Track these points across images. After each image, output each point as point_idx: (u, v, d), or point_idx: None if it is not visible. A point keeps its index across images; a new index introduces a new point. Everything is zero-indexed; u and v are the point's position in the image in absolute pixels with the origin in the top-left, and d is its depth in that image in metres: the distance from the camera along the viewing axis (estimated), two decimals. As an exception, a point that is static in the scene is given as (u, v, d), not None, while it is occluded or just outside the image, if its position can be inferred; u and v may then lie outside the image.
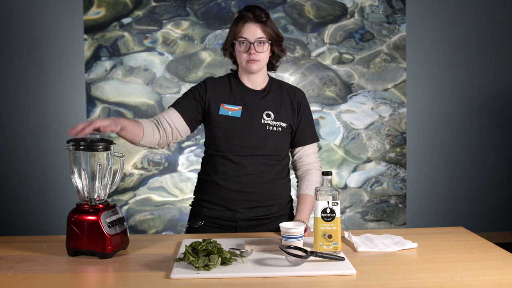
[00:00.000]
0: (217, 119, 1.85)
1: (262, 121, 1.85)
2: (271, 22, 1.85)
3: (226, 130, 1.84)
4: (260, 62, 1.83)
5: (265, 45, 1.82)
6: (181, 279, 1.32)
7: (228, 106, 1.87)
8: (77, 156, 1.54)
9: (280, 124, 1.87)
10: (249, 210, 1.84)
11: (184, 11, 3.74)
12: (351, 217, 3.92)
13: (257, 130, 1.85)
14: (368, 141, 3.89)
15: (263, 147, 1.84)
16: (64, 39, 3.72)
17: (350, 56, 3.84)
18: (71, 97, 3.76)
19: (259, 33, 1.80)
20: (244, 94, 1.89)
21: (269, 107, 1.88)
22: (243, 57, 1.82)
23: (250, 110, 1.86)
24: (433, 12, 3.90)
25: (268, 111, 1.87)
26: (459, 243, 1.62)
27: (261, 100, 1.89)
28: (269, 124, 1.86)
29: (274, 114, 1.87)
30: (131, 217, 3.81)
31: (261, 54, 1.82)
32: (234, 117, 1.85)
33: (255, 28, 1.80)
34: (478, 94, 3.98)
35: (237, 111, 1.86)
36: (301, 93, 1.96)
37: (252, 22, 1.81)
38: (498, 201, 4.05)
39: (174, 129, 1.84)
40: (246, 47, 1.81)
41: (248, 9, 1.83)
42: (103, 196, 1.58)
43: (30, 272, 1.40)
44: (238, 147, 1.83)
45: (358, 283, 1.30)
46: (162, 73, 3.76)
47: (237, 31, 1.82)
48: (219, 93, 1.89)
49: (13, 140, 3.77)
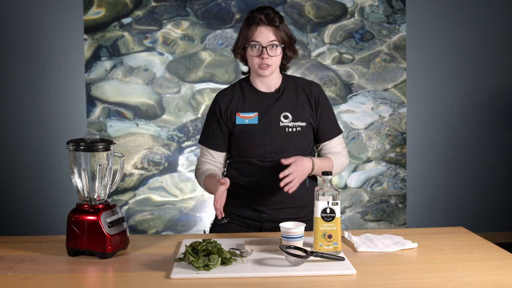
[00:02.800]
0: (236, 130, 1.84)
1: (281, 124, 1.82)
2: (284, 24, 1.80)
3: (246, 139, 1.82)
4: (272, 67, 1.79)
5: (277, 49, 1.77)
6: (181, 279, 1.32)
7: (244, 114, 1.84)
8: (77, 156, 1.54)
9: (299, 124, 1.83)
10: (275, 212, 1.82)
11: (184, 11, 3.74)
12: (351, 217, 3.92)
13: (277, 134, 1.81)
14: (368, 141, 3.89)
15: (286, 150, 1.81)
16: (64, 39, 3.72)
17: (350, 56, 3.84)
18: (71, 97, 3.76)
19: (272, 37, 1.76)
20: (258, 98, 1.85)
21: (285, 108, 1.84)
22: (255, 61, 1.78)
23: (266, 114, 1.83)
24: (433, 12, 3.90)
25: (285, 113, 1.83)
26: (459, 243, 1.62)
27: (276, 102, 1.84)
28: (288, 126, 1.82)
29: (292, 115, 1.83)
30: (131, 217, 3.81)
31: (274, 58, 1.77)
32: (251, 124, 1.82)
33: (267, 31, 1.75)
34: (478, 94, 3.98)
35: (253, 118, 1.83)
36: (318, 88, 1.92)
37: (265, 25, 1.76)
38: (498, 201, 4.05)
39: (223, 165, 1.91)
40: (259, 51, 1.76)
41: (261, 10, 1.77)
42: (103, 196, 1.58)
43: (30, 272, 1.40)
44: (261, 154, 1.81)
45: (358, 283, 1.30)
46: (162, 73, 3.76)
47: (249, 35, 1.77)
48: (233, 103, 1.85)
49: (13, 140, 3.76)
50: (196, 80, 3.74)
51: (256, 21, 1.76)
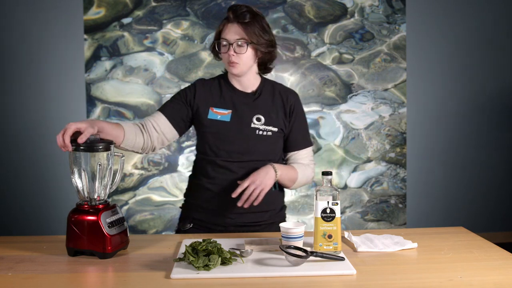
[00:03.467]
0: (206, 124, 1.80)
1: (252, 125, 1.79)
2: (258, 23, 1.74)
3: (215, 135, 1.79)
4: (240, 65, 1.75)
5: (244, 47, 1.73)
6: (181, 279, 1.32)
7: (218, 109, 1.81)
8: (77, 156, 1.54)
9: (270, 128, 1.80)
10: (239, 216, 1.80)
11: (184, 11, 3.74)
12: (351, 217, 3.92)
13: (246, 135, 1.79)
14: (368, 141, 3.89)
15: (252, 153, 1.79)
16: (64, 39, 3.72)
17: (350, 56, 3.84)
18: (71, 97, 3.76)
19: (239, 34, 1.72)
20: (235, 97, 1.82)
21: (260, 110, 1.81)
22: (224, 58, 1.77)
23: (239, 114, 1.80)
24: (433, 12, 3.90)
25: (258, 115, 1.80)
26: (459, 243, 1.62)
27: (252, 103, 1.82)
28: (258, 129, 1.79)
29: (265, 118, 1.80)
30: (131, 217, 3.81)
31: (242, 56, 1.73)
32: (223, 121, 1.79)
33: (235, 28, 1.72)
34: (478, 94, 3.98)
35: (226, 115, 1.80)
36: (295, 96, 1.88)
37: (234, 22, 1.73)
38: (498, 201, 4.05)
39: (160, 133, 1.80)
40: (226, 48, 1.74)
41: (233, 7, 1.75)
42: (103, 196, 1.58)
43: (30, 272, 1.40)
44: (227, 152, 1.79)
45: (358, 283, 1.30)
46: (162, 73, 3.76)
47: (219, 31, 1.77)
48: (209, 96, 1.83)
49: (13, 140, 3.76)
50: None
51: (227, 18, 1.75)
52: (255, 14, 1.75)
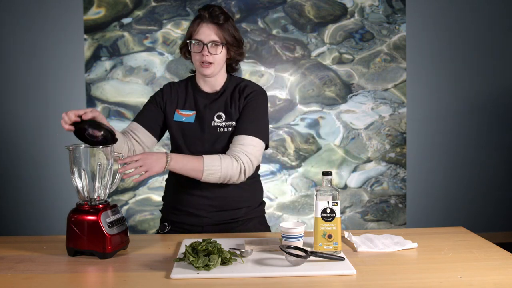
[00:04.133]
0: (172, 125, 1.84)
1: (213, 123, 1.80)
2: (231, 24, 1.77)
3: (182, 137, 1.83)
4: (214, 65, 1.75)
5: (219, 48, 1.74)
6: (181, 279, 1.32)
7: (183, 111, 1.84)
8: (77, 156, 1.54)
9: (231, 123, 1.80)
10: (214, 214, 1.82)
11: (184, 11, 3.74)
12: (351, 217, 3.92)
13: (208, 133, 1.80)
14: (368, 141, 3.89)
15: (216, 150, 1.78)
16: (64, 39, 3.72)
17: (350, 56, 3.84)
18: (71, 97, 3.76)
19: (214, 35, 1.73)
20: (198, 98, 1.84)
21: (220, 108, 1.82)
22: (196, 58, 1.76)
23: (202, 114, 1.82)
24: (433, 12, 3.90)
25: (219, 113, 1.82)
26: (459, 243, 1.62)
27: (213, 102, 1.83)
28: (219, 126, 1.80)
29: (225, 114, 1.81)
30: (131, 217, 3.81)
31: (215, 56, 1.74)
32: (187, 122, 1.82)
33: (210, 29, 1.73)
34: (478, 94, 3.98)
35: (191, 117, 1.83)
36: (256, 91, 1.82)
37: (208, 22, 1.74)
38: (498, 201, 4.05)
39: (140, 143, 1.85)
40: (199, 49, 1.74)
41: (206, 7, 1.76)
42: (103, 196, 1.58)
43: (30, 272, 1.40)
44: (192, 152, 1.80)
45: (358, 283, 1.30)
46: (162, 73, 3.76)
47: (192, 31, 1.76)
48: (175, 99, 1.86)
49: (13, 140, 3.76)
50: (196, 80, 3.74)
51: (200, 18, 1.75)
52: (227, 15, 1.78)
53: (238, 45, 1.80)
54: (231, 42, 1.77)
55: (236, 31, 1.79)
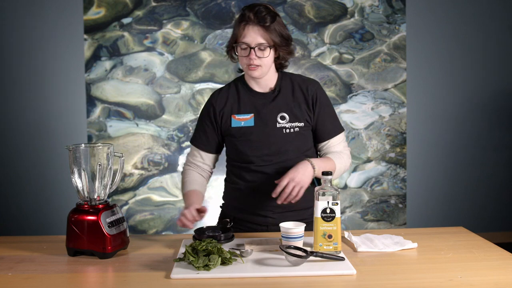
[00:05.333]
0: (232, 132, 1.78)
1: (277, 125, 1.75)
2: (278, 24, 1.69)
3: (244, 142, 1.77)
4: (262, 68, 1.70)
5: (266, 51, 1.68)
6: (181, 279, 1.32)
7: (239, 116, 1.78)
8: (77, 156, 1.54)
9: (296, 124, 1.76)
10: (280, 215, 1.76)
11: (184, 11, 3.74)
12: (351, 217, 3.92)
13: (274, 136, 1.75)
14: (368, 141, 3.89)
15: (284, 152, 1.75)
16: (64, 39, 3.72)
17: (350, 56, 3.84)
18: (71, 97, 3.75)
19: (261, 38, 1.67)
20: (254, 99, 1.78)
21: (282, 108, 1.77)
22: (244, 61, 1.71)
23: (262, 115, 1.76)
24: (433, 12, 3.90)
25: (282, 113, 1.76)
26: (459, 243, 1.62)
27: (272, 102, 1.77)
28: (285, 127, 1.75)
29: (289, 115, 1.76)
30: (131, 217, 3.81)
31: (263, 59, 1.69)
32: (247, 126, 1.76)
33: (256, 31, 1.66)
34: (478, 94, 3.98)
35: (249, 120, 1.77)
36: (315, 85, 1.82)
37: (254, 24, 1.66)
38: (498, 201, 4.04)
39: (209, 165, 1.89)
40: (246, 52, 1.68)
41: (251, 8, 1.68)
42: (103, 196, 1.58)
43: (30, 272, 1.40)
44: (258, 156, 1.76)
45: (358, 283, 1.30)
46: (162, 73, 3.76)
47: (238, 34, 1.70)
48: (228, 105, 1.80)
49: (13, 140, 3.76)
50: (196, 80, 3.74)
51: (246, 19, 1.68)
52: (275, 14, 1.70)
53: (286, 44, 1.73)
54: (279, 43, 1.70)
55: (284, 29, 1.71)
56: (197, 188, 1.82)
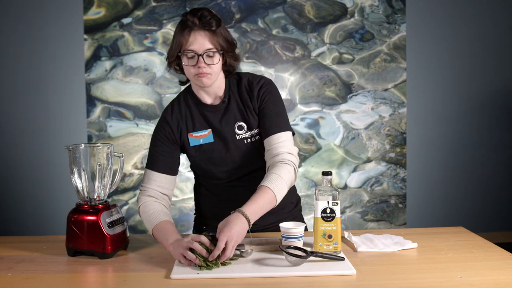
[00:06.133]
0: (192, 152, 1.68)
1: (237, 137, 1.65)
2: (223, 28, 1.58)
3: (206, 160, 1.67)
4: (211, 75, 1.57)
5: (215, 57, 1.56)
6: (181, 279, 1.32)
7: (196, 133, 1.66)
8: (77, 156, 1.54)
9: (255, 131, 1.65)
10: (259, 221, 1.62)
11: (184, 11, 3.74)
12: (351, 217, 3.92)
13: (236, 149, 1.65)
14: (368, 141, 3.89)
15: (251, 163, 1.67)
16: (64, 39, 3.72)
17: (350, 56, 3.84)
18: (71, 97, 3.75)
19: (208, 43, 1.54)
20: (206, 113, 1.66)
21: (237, 117, 1.65)
22: (192, 71, 1.57)
23: (219, 129, 1.65)
24: (433, 12, 3.90)
25: (238, 123, 1.65)
26: (459, 243, 1.62)
27: (225, 113, 1.66)
28: (245, 138, 1.65)
29: (245, 123, 1.65)
30: (131, 217, 3.81)
31: (213, 66, 1.56)
32: (207, 143, 1.65)
33: (203, 37, 1.54)
34: (479, 94, 3.97)
35: (208, 136, 1.66)
36: (260, 82, 1.67)
37: (200, 30, 1.53)
38: (498, 201, 4.04)
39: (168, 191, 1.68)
40: (194, 61, 1.55)
41: (194, 13, 1.55)
42: (103, 196, 1.58)
43: (30, 272, 1.40)
44: (225, 172, 1.67)
45: (358, 283, 1.30)
46: (162, 73, 3.76)
47: (182, 41, 1.55)
48: (182, 123, 1.67)
49: (13, 140, 3.76)
50: (196, 80, 3.74)
51: (190, 25, 1.54)
52: (218, 18, 1.58)
53: (232, 49, 1.62)
54: (226, 48, 1.59)
55: (228, 34, 1.61)
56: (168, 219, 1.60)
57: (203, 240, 1.42)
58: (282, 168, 1.56)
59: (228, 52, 1.60)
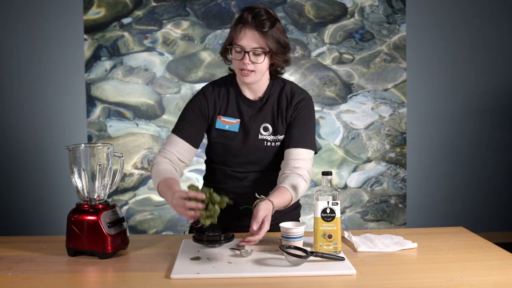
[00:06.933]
0: (214, 134, 1.73)
1: (259, 136, 1.71)
2: (277, 30, 1.61)
3: (224, 146, 1.73)
4: (255, 74, 1.63)
5: (261, 57, 1.61)
6: (181, 279, 1.32)
7: (225, 118, 1.72)
8: (77, 156, 1.54)
9: (278, 137, 1.71)
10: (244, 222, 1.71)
11: (184, 11, 3.74)
12: (351, 217, 3.92)
13: (254, 147, 1.71)
14: (368, 141, 3.89)
15: (261, 163, 1.73)
16: (64, 39, 3.72)
17: (350, 56, 3.84)
18: (71, 97, 3.75)
19: (256, 43, 1.59)
20: (242, 104, 1.73)
21: (266, 118, 1.71)
22: (237, 65, 1.64)
23: (247, 123, 1.71)
24: (433, 12, 3.90)
25: (265, 124, 1.71)
26: (459, 243, 1.62)
27: (258, 111, 1.72)
28: (267, 140, 1.71)
29: (272, 127, 1.71)
30: (131, 217, 3.81)
31: (257, 65, 1.61)
32: (231, 131, 1.71)
33: (253, 36, 1.59)
34: (478, 94, 3.97)
35: (234, 125, 1.71)
36: (302, 96, 1.73)
37: (251, 28, 1.59)
38: (498, 201, 4.04)
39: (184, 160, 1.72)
40: (241, 56, 1.61)
41: (251, 10, 1.60)
42: (103, 196, 1.58)
43: (30, 272, 1.40)
44: (235, 163, 1.74)
45: (358, 283, 1.30)
46: (162, 73, 3.76)
47: (234, 36, 1.62)
48: (217, 104, 1.73)
49: (13, 140, 3.76)
50: (196, 80, 3.74)
51: (243, 21, 1.60)
52: (274, 20, 1.61)
53: (283, 52, 1.65)
54: (275, 50, 1.61)
55: (282, 36, 1.63)
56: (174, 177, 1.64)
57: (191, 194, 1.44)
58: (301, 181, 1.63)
59: (277, 54, 1.64)
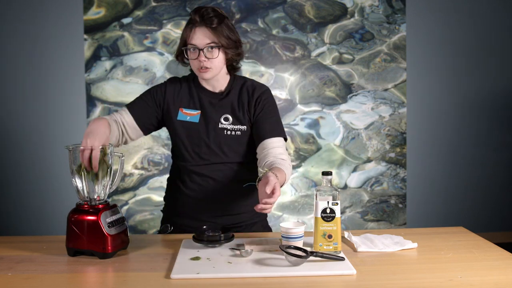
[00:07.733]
0: (176, 125, 1.79)
1: (220, 125, 1.77)
2: (226, 25, 1.70)
3: (186, 137, 1.78)
4: (212, 70, 1.71)
5: (215, 51, 1.69)
6: (181, 279, 1.32)
7: (187, 110, 1.79)
8: (77, 156, 1.54)
9: (239, 127, 1.78)
10: (217, 219, 1.79)
11: (184, 11, 3.74)
12: (351, 217, 3.92)
13: (214, 136, 1.77)
14: (368, 141, 3.89)
15: (222, 154, 1.77)
16: (64, 39, 3.72)
17: (350, 56, 3.84)
18: (71, 97, 3.76)
19: (208, 39, 1.68)
20: (203, 96, 1.80)
21: (227, 109, 1.78)
22: (195, 64, 1.71)
23: (207, 114, 1.78)
24: (433, 12, 3.90)
25: (226, 115, 1.78)
26: (459, 243, 1.62)
27: (219, 102, 1.79)
28: (226, 129, 1.77)
29: (233, 117, 1.78)
30: (131, 217, 3.81)
31: (213, 60, 1.69)
32: (192, 122, 1.78)
33: (204, 33, 1.67)
34: (478, 94, 3.98)
35: (195, 116, 1.78)
36: (262, 89, 1.82)
37: (202, 26, 1.67)
38: (498, 201, 4.05)
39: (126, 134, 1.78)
40: (196, 54, 1.69)
41: (198, 11, 1.69)
42: (103, 196, 1.58)
43: (30, 272, 1.40)
44: (197, 154, 1.78)
45: (358, 283, 1.30)
46: (162, 73, 3.76)
47: (186, 37, 1.70)
48: (178, 96, 1.80)
49: (13, 140, 3.76)
50: (196, 80, 3.74)
51: (193, 22, 1.69)
52: (222, 17, 1.71)
53: (235, 46, 1.74)
54: (226, 45, 1.70)
55: (231, 32, 1.72)
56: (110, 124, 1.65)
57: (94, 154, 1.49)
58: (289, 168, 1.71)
59: (228, 48, 1.72)
